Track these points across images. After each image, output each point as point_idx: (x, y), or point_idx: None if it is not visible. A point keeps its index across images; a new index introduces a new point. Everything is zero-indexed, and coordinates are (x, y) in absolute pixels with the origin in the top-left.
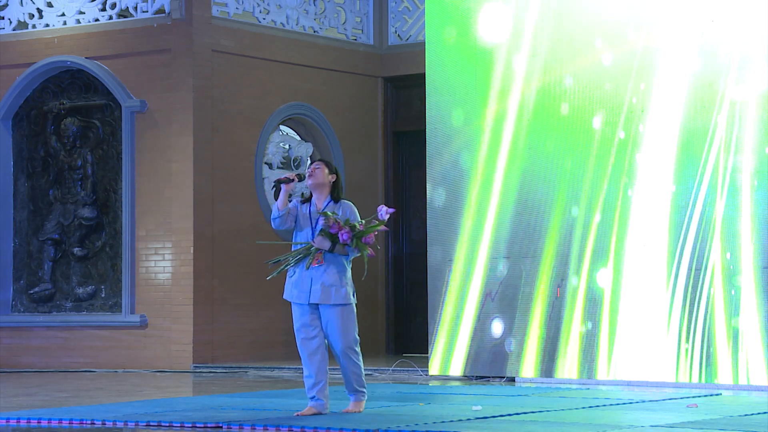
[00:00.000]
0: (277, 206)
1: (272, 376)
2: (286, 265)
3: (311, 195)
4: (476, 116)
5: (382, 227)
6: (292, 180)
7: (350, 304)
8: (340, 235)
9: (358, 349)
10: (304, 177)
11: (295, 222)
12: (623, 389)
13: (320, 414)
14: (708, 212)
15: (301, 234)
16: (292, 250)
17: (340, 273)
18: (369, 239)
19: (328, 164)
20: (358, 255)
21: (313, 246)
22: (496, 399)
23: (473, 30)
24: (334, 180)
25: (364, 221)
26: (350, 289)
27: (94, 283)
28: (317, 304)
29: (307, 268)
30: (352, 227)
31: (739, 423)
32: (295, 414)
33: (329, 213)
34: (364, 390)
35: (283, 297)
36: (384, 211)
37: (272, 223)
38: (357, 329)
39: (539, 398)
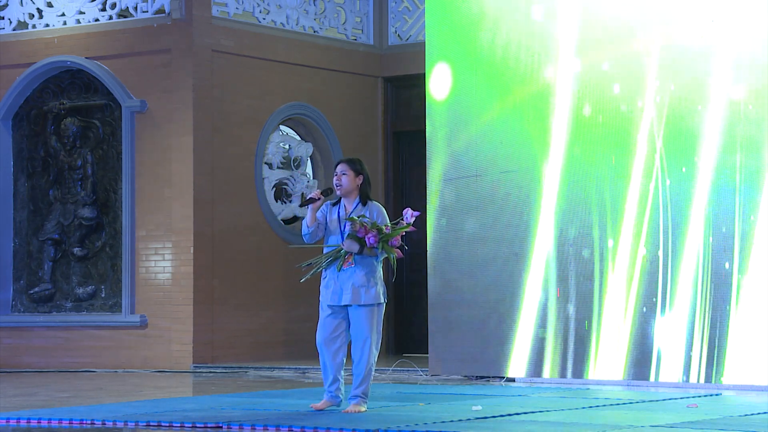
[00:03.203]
0: (306, 222)
1: (272, 376)
2: (318, 268)
3: (329, 190)
4: (477, 116)
5: (409, 229)
6: (318, 199)
7: (381, 303)
8: (367, 239)
9: (375, 350)
10: (330, 191)
11: (326, 226)
12: (623, 389)
13: (334, 407)
14: (710, 213)
15: (331, 237)
16: (324, 253)
17: (369, 273)
18: (395, 242)
19: (352, 165)
20: (386, 256)
21: (342, 249)
22: (496, 399)
23: (473, 29)
24: (361, 182)
25: (390, 224)
26: (380, 288)
27: (94, 283)
28: (346, 306)
29: (339, 270)
30: (379, 230)
31: (739, 423)
32: (311, 406)
33: (355, 218)
34: (365, 397)
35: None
36: (410, 215)
37: (303, 238)
38: (381, 329)
39: (539, 398)
